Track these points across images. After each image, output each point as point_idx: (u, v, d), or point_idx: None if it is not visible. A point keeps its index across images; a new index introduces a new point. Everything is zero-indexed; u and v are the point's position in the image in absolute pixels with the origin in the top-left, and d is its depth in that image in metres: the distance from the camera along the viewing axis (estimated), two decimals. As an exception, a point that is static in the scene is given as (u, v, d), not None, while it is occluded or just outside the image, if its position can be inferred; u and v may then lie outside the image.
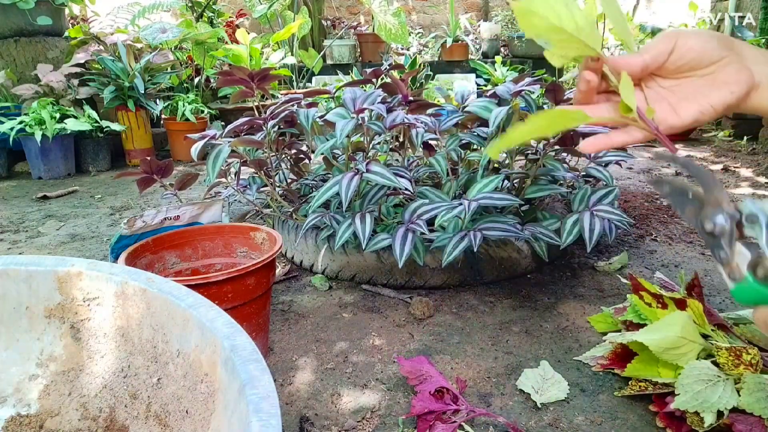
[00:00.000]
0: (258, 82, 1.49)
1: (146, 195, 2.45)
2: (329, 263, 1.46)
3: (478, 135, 1.48)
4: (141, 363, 0.58)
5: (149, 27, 3.22)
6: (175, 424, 0.54)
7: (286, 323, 1.25)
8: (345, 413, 0.93)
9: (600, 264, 1.51)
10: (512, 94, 1.42)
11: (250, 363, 0.44)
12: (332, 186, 1.30)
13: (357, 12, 5.58)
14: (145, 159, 1.45)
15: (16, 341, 0.60)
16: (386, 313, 1.29)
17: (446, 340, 1.16)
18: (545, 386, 0.96)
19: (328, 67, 4.59)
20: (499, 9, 5.49)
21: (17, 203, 2.40)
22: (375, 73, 1.65)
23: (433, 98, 3.24)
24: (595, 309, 1.27)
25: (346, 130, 1.31)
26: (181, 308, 0.53)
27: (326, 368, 1.07)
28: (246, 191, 1.67)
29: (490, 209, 1.42)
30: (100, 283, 0.59)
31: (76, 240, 1.88)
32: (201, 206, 1.35)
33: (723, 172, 2.59)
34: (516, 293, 1.37)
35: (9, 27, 3.03)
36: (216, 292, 0.93)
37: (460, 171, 1.53)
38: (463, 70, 4.63)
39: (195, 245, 1.17)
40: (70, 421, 0.60)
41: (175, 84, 3.46)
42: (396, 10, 4.06)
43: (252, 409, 0.39)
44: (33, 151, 2.78)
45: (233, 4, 5.26)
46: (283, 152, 1.65)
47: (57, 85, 2.87)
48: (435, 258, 1.35)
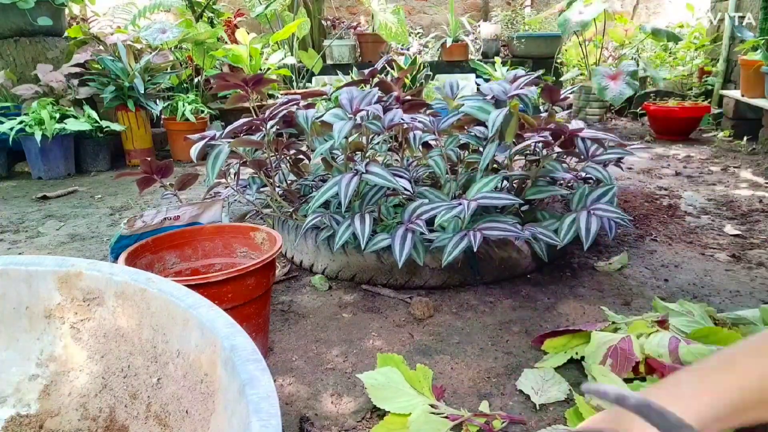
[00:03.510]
0: (252, 86, 1.49)
1: (146, 195, 2.45)
2: (329, 263, 1.46)
3: (476, 136, 1.48)
4: (141, 363, 0.58)
5: (149, 27, 3.22)
6: (175, 424, 0.54)
7: (286, 323, 1.26)
8: (345, 413, 0.93)
9: (600, 264, 1.51)
10: (508, 97, 1.42)
11: (250, 363, 0.44)
12: (331, 187, 1.30)
13: (357, 12, 5.58)
14: (144, 159, 1.45)
15: (16, 341, 0.60)
16: (386, 313, 1.29)
17: (446, 340, 1.16)
18: (545, 387, 0.96)
19: (328, 67, 4.59)
20: (499, 9, 5.49)
21: (17, 203, 2.40)
22: (371, 72, 1.65)
23: (433, 98, 3.24)
24: (595, 309, 1.27)
25: (344, 131, 1.31)
26: (181, 308, 0.53)
27: (326, 368, 1.07)
28: (246, 191, 1.67)
29: (490, 209, 1.42)
30: (100, 283, 0.59)
31: (76, 240, 1.88)
32: (201, 206, 1.35)
33: (723, 172, 2.59)
34: (516, 293, 1.37)
35: (9, 27, 3.03)
36: (216, 292, 0.93)
37: (460, 171, 1.53)
38: (463, 70, 4.63)
39: (195, 245, 1.17)
40: (70, 421, 0.60)
41: (174, 84, 3.46)
42: (395, 8, 4.06)
43: (252, 409, 0.39)
44: (33, 151, 2.78)
45: (233, 4, 5.26)
46: (283, 152, 1.65)
47: (57, 85, 2.87)
48: (435, 258, 1.35)
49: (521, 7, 5.54)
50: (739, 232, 1.76)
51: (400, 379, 0.92)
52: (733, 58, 3.62)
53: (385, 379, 0.92)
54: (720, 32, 3.84)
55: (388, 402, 0.88)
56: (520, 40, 4.76)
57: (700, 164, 2.76)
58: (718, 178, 2.46)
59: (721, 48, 3.69)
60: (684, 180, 2.46)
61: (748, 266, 1.50)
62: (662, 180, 2.47)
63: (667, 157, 2.95)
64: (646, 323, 1.03)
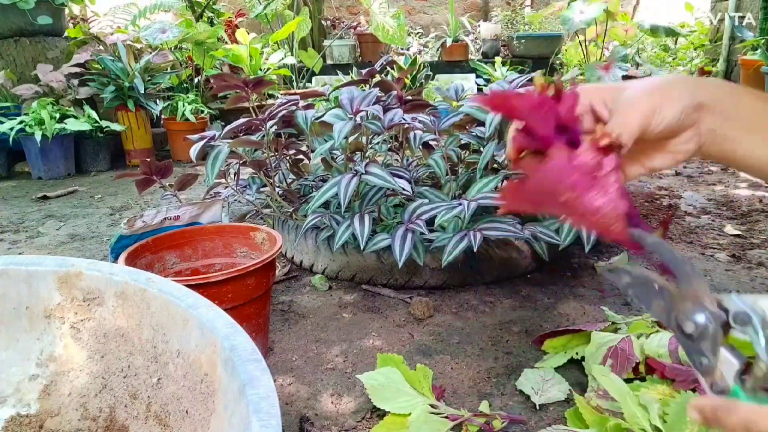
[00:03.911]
0: (253, 87, 1.49)
1: (146, 195, 2.45)
2: (329, 263, 1.46)
3: (477, 136, 1.48)
4: (141, 363, 0.58)
5: (149, 27, 3.23)
6: (175, 424, 0.54)
7: (286, 323, 1.26)
8: (345, 413, 0.93)
9: (600, 264, 1.51)
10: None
11: (250, 363, 0.44)
12: (331, 187, 1.30)
13: (357, 12, 5.58)
14: (144, 159, 1.45)
15: (16, 341, 0.60)
16: (386, 313, 1.29)
17: (446, 340, 1.16)
18: (545, 387, 0.96)
19: (328, 67, 4.59)
20: (499, 9, 5.49)
21: (17, 203, 2.40)
22: (370, 72, 1.65)
23: (433, 98, 3.24)
24: (595, 309, 1.27)
25: (344, 131, 1.31)
26: (181, 308, 0.53)
27: (326, 368, 1.07)
28: (245, 191, 1.67)
29: (490, 209, 1.42)
30: (100, 283, 0.59)
31: (76, 240, 1.88)
32: (201, 206, 1.35)
33: (723, 171, 2.59)
34: (516, 293, 1.37)
35: (9, 27, 3.03)
36: (216, 292, 0.93)
37: (460, 171, 1.53)
38: (463, 71, 4.63)
39: (195, 245, 1.17)
40: (70, 421, 0.60)
41: (175, 84, 3.46)
42: (395, 13, 4.06)
43: (252, 409, 0.39)
44: (33, 151, 2.78)
45: (233, 4, 5.26)
46: (282, 152, 1.65)
47: (57, 85, 2.87)
48: (435, 258, 1.35)
49: (521, 7, 5.54)
50: (739, 232, 1.76)
51: (400, 380, 0.92)
52: (733, 58, 3.62)
53: (385, 379, 0.92)
54: (720, 32, 3.84)
55: (388, 402, 0.88)
56: (520, 40, 4.76)
57: (700, 164, 2.76)
58: (718, 178, 2.46)
59: (721, 48, 3.69)
60: (684, 180, 2.46)
61: (748, 266, 1.50)
62: (662, 180, 2.47)
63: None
64: (646, 323, 1.03)
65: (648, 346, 0.95)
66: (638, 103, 0.49)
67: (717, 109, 0.49)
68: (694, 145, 0.51)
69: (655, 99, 0.48)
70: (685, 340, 0.39)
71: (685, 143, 0.51)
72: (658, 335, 0.97)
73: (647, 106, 0.48)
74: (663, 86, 0.49)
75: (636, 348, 0.95)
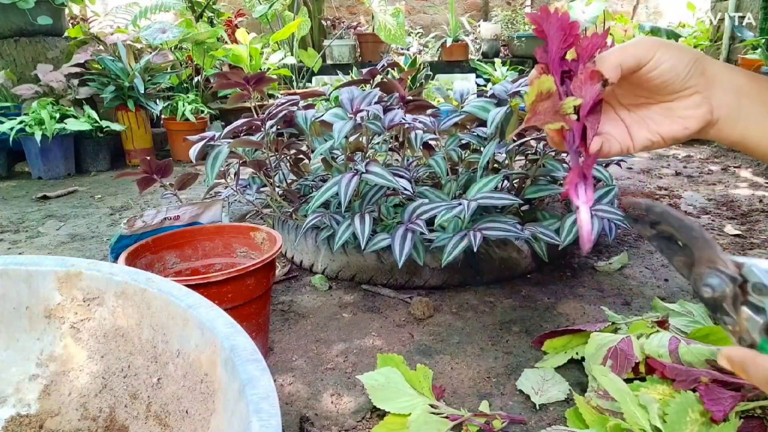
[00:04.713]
0: (254, 84, 1.49)
1: (146, 195, 2.45)
2: (329, 263, 1.46)
3: (478, 135, 1.48)
4: (141, 363, 0.58)
5: (149, 27, 3.23)
6: (175, 424, 0.54)
7: (286, 323, 1.26)
8: (345, 413, 0.93)
9: (600, 264, 1.51)
10: (510, 95, 1.42)
11: (250, 363, 0.44)
12: (331, 187, 1.30)
13: (357, 12, 5.58)
14: (144, 159, 1.45)
15: (16, 341, 0.60)
16: (386, 313, 1.29)
17: (446, 340, 1.16)
18: (545, 387, 0.96)
19: (328, 67, 4.59)
20: (499, 9, 5.49)
21: (17, 203, 2.40)
22: (371, 72, 1.65)
23: (433, 98, 3.24)
24: (595, 309, 1.27)
25: (344, 131, 1.31)
26: (181, 308, 0.53)
27: (326, 368, 1.07)
28: (245, 191, 1.67)
29: (490, 209, 1.42)
30: (100, 283, 0.59)
31: (76, 240, 1.88)
32: (201, 206, 1.35)
33: (723, 171, 2.59)
34: (516, 293, 1.37)
35: (9, 27, 3.03)
36: (216, 292, 0.93)
37: (460, 171, 1.53)
38: (463, 70, 4.63)
39: (195, 245, 1.17)
40: (70, 421, 0.60)
41: (175, 84, 3.46)
42: (394, 11, 4.06)
43: (252, 409, 0.39)
44: (33, 151, 2.78)
45: (233, 4, 5.25)
46: (283, 152, 1.65)
47: (57, 85, 2.87)
48: (435, 258, 1.35)
49: (521, 6, 5.53)
50: (739, 232, 1.76)
51: (400, 380, 0.92)
52: (733, 58, 3.62)
53: (385, 379, 0.92)
54: (720, 32, 3.84)
55: (388, 402, 0.88)
56: (520, 39, 4.75)
57: (700, 164, 2.76)
58: (718, 178, 2.46)
59: (721, 48, 3.69)
60: (684, 180, 2.46)
61: (748, 266, 1.50)
62: (662, 180, 2.47)
63: (667, 157, 2.95)
64: (646, 323, 1.03)
65: (648, 346, 0.95)
66: (632, 43, 0.50)
67: (729, 86, 0.50)
68: (703, 112, 0.50)
69: (655, 45, 0.49)
70: (707, 302, 0.41)
71: (693, 108, 0.50)
72: (658, 335, 0.97)
73: (640, 49, 0.49)
74: (671, 42, 0.50)
75: (636, 348, 0.95)
